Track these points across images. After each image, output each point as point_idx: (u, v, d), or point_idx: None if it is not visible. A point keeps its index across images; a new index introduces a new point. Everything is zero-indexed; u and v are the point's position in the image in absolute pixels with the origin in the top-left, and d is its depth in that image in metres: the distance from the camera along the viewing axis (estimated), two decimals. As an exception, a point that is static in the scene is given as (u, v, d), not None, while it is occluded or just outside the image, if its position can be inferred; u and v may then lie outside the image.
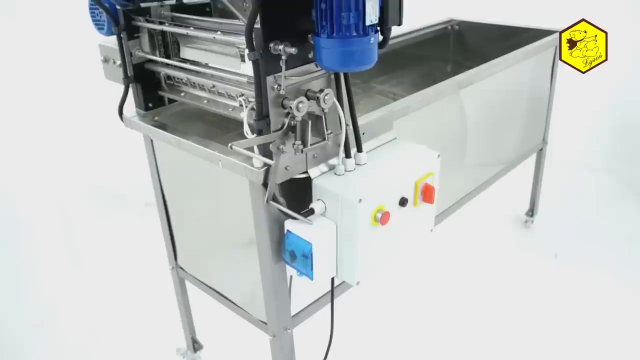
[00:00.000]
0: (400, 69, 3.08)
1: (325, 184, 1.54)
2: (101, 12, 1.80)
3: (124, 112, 1.93)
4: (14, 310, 2.89)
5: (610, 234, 3.41)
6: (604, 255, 3.21)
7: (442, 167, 1.74)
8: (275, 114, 1.41)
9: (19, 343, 2.69)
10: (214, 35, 1.61)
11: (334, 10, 1.30)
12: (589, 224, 3.51)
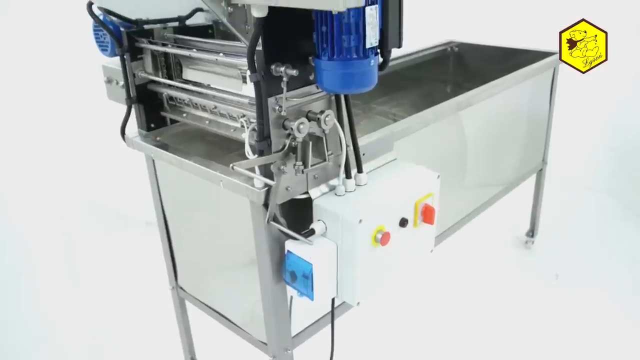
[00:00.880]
0: (400, 90, 3.11)
1: (325, 204, 1.55)
2: (105, 34, 1.83)
3: (126, 133, 1.94)
4: (14, 327, 2.88)
5: (611, 255, 3.41)
6: (605, 276, 3.20)
7: (442, 188, 1.75)
8: (276, 134, 1.43)
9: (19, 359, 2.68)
10: (216, 57, 1.62)
11: (334, 33, 1.32)
12: (589, 244, 3.51)
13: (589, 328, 2.81)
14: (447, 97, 2.25)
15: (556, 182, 3.78)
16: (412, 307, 2.97)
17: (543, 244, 3.53)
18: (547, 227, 3.56)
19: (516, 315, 2.91)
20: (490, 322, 2.87)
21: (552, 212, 3.62)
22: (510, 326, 2.84)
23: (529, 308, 2.97)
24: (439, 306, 2.99)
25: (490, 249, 3.51)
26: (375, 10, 1.34)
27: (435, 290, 3.10)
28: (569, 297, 3.03)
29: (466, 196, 2.57)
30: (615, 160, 4.17)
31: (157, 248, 2.24)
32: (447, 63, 3.38)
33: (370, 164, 1.74)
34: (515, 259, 3.45)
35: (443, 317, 2.91)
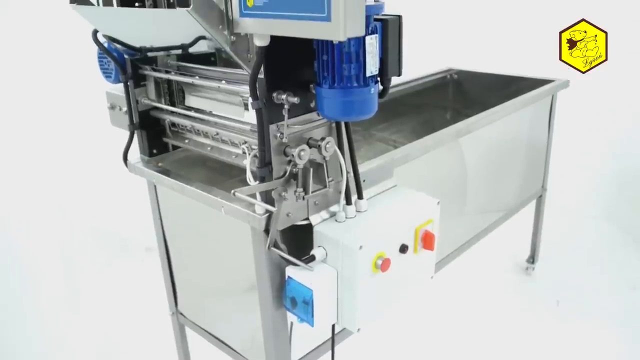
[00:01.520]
0: (400, 116, 3.13)
1: (326, 230, 1.56)
2: (109, 61, 1.85)
3: (128, 158, 1.96)
4: (15, 352, 2.86)
5: (612, 281, 3.40)
6: (606, 303, 3.19)
7: (442, 214, 1.76)
8: (277, 161, 1.44)
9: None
10: (219, 85, 1.65)
11: (335, 61, 1.35)
12: (590, 271, 3.50)
13: (591, 355, 2.79)
14: (447, 124, 2.27)
15: (556, 208, 3.78)
16: (412, 333, 2.96)
17: (544, 271, 3.52)
18: (547, 254, 3.55)
19: (517, 343, 2.89)
20: (492, 350, 2.85)
21: (552, 239, 3.62)
22: (512, 353, 2.82)
23: (530, 335, 2.95)
24: (440, 333, 2.97)
25: (491, 275, 3.50)
26: (375, 39, 1.37)
27: (436, 317, 3.09)
28: (570, 324, 3.01)
29: (466, 222, 2.58)
30: (615, 187, 4.18)
31: (157, 274, 2.24)
32: (446, 90, 3.41)
33: (371, 191, 1.76)
34: (516, 285, 3.43)
35: (444, 344, 2.89)
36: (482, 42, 4.32)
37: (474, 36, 4.37)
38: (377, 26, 1.38)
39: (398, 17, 1.44)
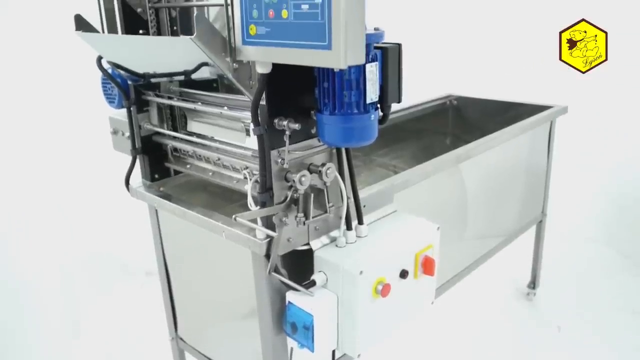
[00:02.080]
0: (400, 142, 3.15)
1: (326, 255, 1.56)
2: (113, 87, 1.88)
3: (130, 183, 1.97)
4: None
5: (614, 306, 3.39)
6: (607, 328, 3.17)
7: (442, 240, 1.76)
8: (278, 187, 1.46)
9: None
10: (221, 111, 1.67)
11: (336, 89, 1.37)
12: (591, 296, 3.49)
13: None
14: (446, 149, 2.29)
15: (556, 233, 3.78)
16: (413, 359, 2.94)
17: (545, 296, 3.51)
18: (548, 279, 3.54)
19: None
20: (493, 376, 2.83)
21: (553, 264, 3.61)
22: (513, 380, 2.80)
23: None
24: (441, 359, 2.96)
25: (492, 300, 3.48)
26: (376, 67, 1.39)
27: (437, 342, 3.07)
28: (571, 350, 2.99)
29: (466, 248, 2.58)
30: (614, 211, 4.18)
31: (157, 298, 2.23)
32: (446, 116, 3.44)
33: (371, 216, 1.76)
34: (517, 311, 3.42)
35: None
36: (482, 68, 4.36)
37: (473, 62, 4.42)
38: (377, 54, 1.41)
39: (398, 45, 1.46)
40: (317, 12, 1.16)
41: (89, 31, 1.70)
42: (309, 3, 1.17)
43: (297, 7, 1.20)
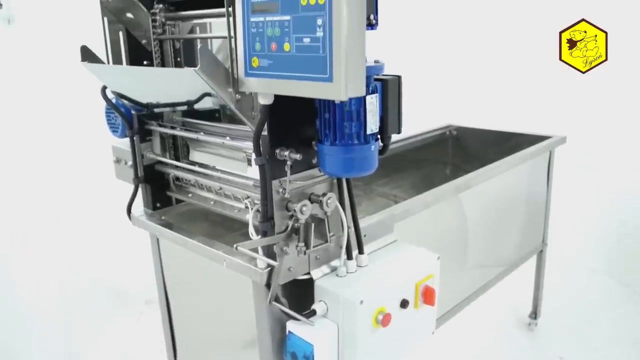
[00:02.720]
0: (400, 171, 3.17)
1: (327, 285, 1.57)
2: (116, 116, 1.90)
3: (132, 211, 1.98)
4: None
5: (616, 337, 3.36)
6: (609, 358, 3.15)
7: (442, 269, 1.77)
8: (279, 216, 1.47)
9: None
10: (223, 141, 1.69)
11: (337, 120, 1.39)
12: (593, 327, 3.47)
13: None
14: (446, 179, 2.30)
15: (557, 263, 3.77)
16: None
17: (546, 326, 3.49)
18: (550, 309, 3.52)
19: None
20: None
21: (554, 293, 3.59)
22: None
23: (533, 393, 2.91)
24: (442, 390, 2.93)
25: (493, 331, 3.46)
26: (376, 98, 1.42)
27: (438, 373, 3.05)
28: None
29: (467, 277, 2.57)
30: (615, 240, 4.18)
31: (156, 327, 2.23)
32: (446, 146, 3.46)
33: (371, 245, 1.77)
34: (519, 341, 3.39)
35: (446, 402, 2.85)
36: (481, 99, 4.40)
37: (472, 93, 4.46)
38: (377, 86, 1.44)
39: (398, 77, 1.49)
40: (318, 45, 1.19)
41: (95, 62, 1.73)
42: (310, 37, 1.20)
43: (299, 40, 1.22)
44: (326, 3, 1.15)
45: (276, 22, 1.26)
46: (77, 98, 3.38)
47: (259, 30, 1.30)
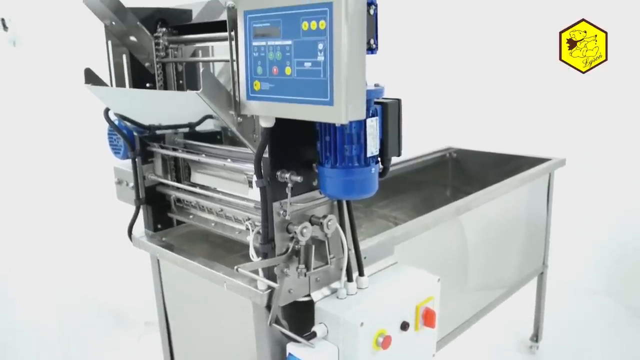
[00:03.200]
0: (401, 193, 3.18)
1: (327, 307, 1.57)
2: (119, 138, 1.92)
3: (133, 232, 1.99)
4: None
5: (616, 359, 3.35)
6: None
7: (443, 291, 1.77)
8: (280, 238, 1.47)
9: None
10: (224, 163, 1.70)
11: (337, 142, 1.41)
12: (594, 349, 3.44)
13: None
14: (447, 201, 2.31)
15: (558, 284, 3.76)
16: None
17: (548, 349, 3.47)
18: (551, 331, 3.50)
19: None
20: None
21: (555, 316, 3.58)
22: None
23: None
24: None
25: (494, 353, 3.44)
26: (376, 121, 1.43)
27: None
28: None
29: (468, 299, 2.57)
30: (615, 262, 4.17)
31: (156, 349, 2.22)
32: (446, 168, 3.47)
33: (372, 267, 1.77)
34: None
35: None
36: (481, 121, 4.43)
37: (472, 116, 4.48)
38: (377, 109, 1.45)
39: (397, 100, 1.51)
40: (319, 69, 1.21)
41: (98, 84, 1.75)
42: (311, 61, 1.22)
43: (300, 64, 1.24)
44: (327, 28, 1.18)
45: (278, 46, 1.28)
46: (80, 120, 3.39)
47: (260, 54, 1.32)
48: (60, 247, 3.88)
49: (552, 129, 4.20)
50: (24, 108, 3.60)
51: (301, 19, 1.22)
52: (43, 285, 3.72)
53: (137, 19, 1.78)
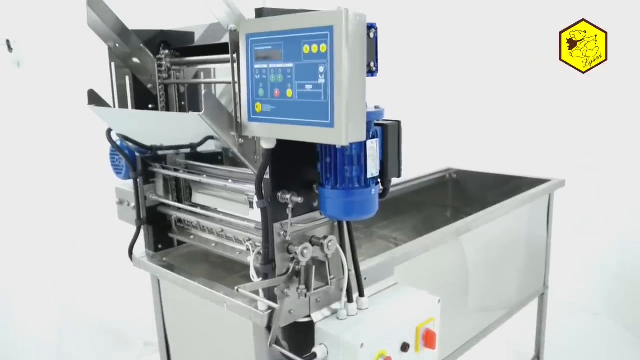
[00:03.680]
0: (401, 214, 3.18)
1: (327, 328, 1.57)
2: (120, 159, 1.93)
3: (133, 252, 1.99)
4: None
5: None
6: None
7: (443, 312, 1.77)
8: (280, 259, 1.48)
9: None
10: (225, 183, 1.71)
11: (338, 164, 1.42)
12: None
13: None
14: (447, 222, 2.31)
15: (559, 305, 3.74)
16: None
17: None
18: (552, 352, 3.48)
19: None
20: None
21: (557, 337, 3.56)
22: None
23: None
24: None
25: (496, 375, 3.42)
26: (376, 143, 1.45)
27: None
28: None
29: (469, 320, 2.56)
30: (616, 283, 4.16)
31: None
32: (446, 189, 3.48)
33: (372, 288, 1.77)
34: (522, 386, 3.36)
35: None
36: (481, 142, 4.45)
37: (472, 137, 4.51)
38: (377, 131, 1.47)
39: (397, 122, 1.52)
40: (320, 92, 1.22)
41: (101, 105, 1.77)
42: (312, 83, 1.24)
43: (302, 87, 1.26)
44: (328, 51, 1.19)
45: (279, 69, 1.30)
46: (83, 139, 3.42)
47: (262, 77, 1.34)
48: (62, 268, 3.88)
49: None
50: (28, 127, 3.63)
51: (302, 42, 1.24)
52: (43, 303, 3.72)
53: (141, 41, 1.81)
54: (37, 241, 3.86)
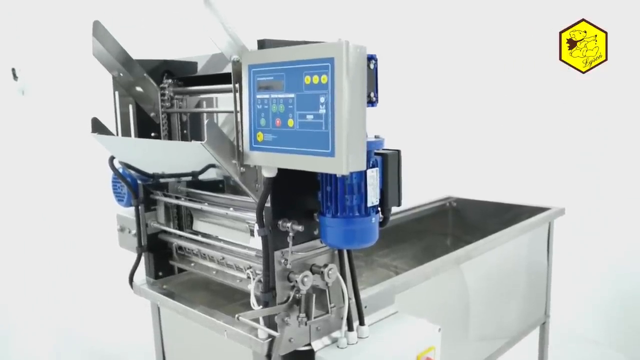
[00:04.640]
0: (401, 242, 3.19)
1: (328, 356, 1.56)
2: (122, 186, 1.94)
3: (134, 280, 2.00)
4: None
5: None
6: None
7: (444, 341, 1.76)
8: (281, 287, 1.48)
9: None
10: (226, 211, 1.72)
11: (338, 193, 1.43)
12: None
13: None
14: (447, 250, 2.32)
15: (560, 334, 3.72)
16: None
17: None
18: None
19: None
20: None
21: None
22: None
23: None
24: None
25: (497, 406, 3.38)
26: (376, 172, 1.46)
27: None
28: None
29: (469, 349, 2.55)
30: (616, 311, 4.14)
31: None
32: (446, 217, 3.49)
33: (372, 317, 1.77)
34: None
35: None
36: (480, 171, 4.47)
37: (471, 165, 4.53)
38: (377, 160, 1.48)
39: (397, 151, 1.54)
40: (321, 122, 1.24)
41: (104, 133, 1.79)
42: (313, 113, 1.26)
43: (303, 117, 1.28)
44: (329, 82, 1.22)
45: (281, 99, 1.32)
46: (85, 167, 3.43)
47: (264, 107, 1.36)
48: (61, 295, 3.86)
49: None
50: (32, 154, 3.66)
51: (304, 73, 1.27)
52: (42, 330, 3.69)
53: (144, 71, 1.84)
54: (37, 268, 3.86)
